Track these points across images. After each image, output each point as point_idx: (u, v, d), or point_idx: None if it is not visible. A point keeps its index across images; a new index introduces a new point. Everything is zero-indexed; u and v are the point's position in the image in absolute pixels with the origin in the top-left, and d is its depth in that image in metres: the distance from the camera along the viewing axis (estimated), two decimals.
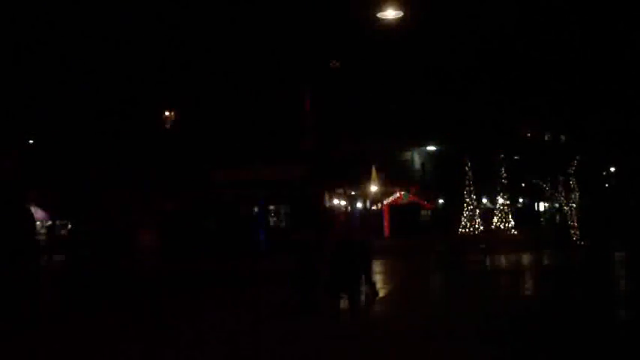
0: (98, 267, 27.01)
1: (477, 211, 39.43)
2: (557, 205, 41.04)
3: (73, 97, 35.78)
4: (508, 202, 40.10)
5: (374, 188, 39.58)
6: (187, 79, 37.89)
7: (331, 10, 32.69)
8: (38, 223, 34.07)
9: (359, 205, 43.17)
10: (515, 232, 38.53)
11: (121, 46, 35.17)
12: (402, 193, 42.25)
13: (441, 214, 47.03)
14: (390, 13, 16.36)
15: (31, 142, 37.31)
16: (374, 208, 44.19)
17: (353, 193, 37.89)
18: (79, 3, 32.17)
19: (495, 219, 39.57)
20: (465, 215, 38.99)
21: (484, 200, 49.14)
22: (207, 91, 38.84)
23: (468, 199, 39.02)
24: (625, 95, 40.38)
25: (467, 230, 38.54)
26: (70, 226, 34.47)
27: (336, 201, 41.87)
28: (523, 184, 50.57)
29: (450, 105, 44.92)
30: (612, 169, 52.14)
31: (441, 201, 51.90)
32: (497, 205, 40.20)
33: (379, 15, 16.46)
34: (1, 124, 33.12)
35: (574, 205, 35.59)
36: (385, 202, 42.39)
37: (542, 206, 55.66)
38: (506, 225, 38.99)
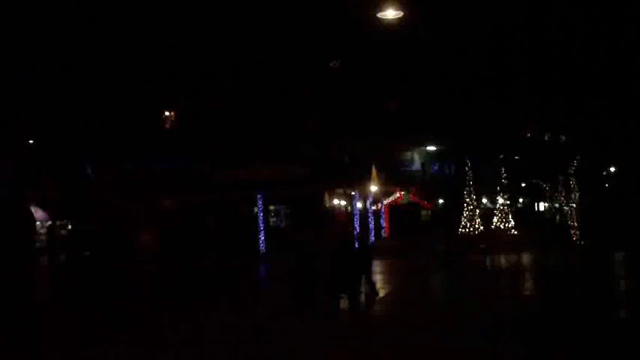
0: (98, 267, 27.04)
1: (477, 211, 39.42)
2: (557, 205, 41.00)
3: (73, 96, 35.81)
4: (508, 202, 40.07)
5: (374, 188, 39.54)
6: (188, 79, 37.93)
7: (331, 10, 32.68)
8: (38, 223, 34.08)
9: (359, 205, 43.19)
10: (515, 232, 38.52)
11: (121, 45, 35.19)
12: (402, 193, 42.21)
13: (441, 214, 47.01)
14: (390, 13, 16.35)
15: (31, 142, 37.33)
16: (374, 208, 44.19)
17: (353, 193, 37.85)
18: (79, 3, 32.20)
19: (495, 219, 39.55)
20: (465, 215, 38.99)
21: (484, 200, 49.13)
22: (208, 92, 38.89)
23: (468, 199, 39.02)
24: (625, 95, 40.37)
25: (467, 230, 38.53)
26: (70, 226, 34.47)
27: (336, 201, 41.86)
28: (523, 184, 50.59)
29: (451, 105, 44.93)
30: (612, 169, 52.14)
31: (441, 201, 51.92)
32: (497, 205, 40.19)
33: (379, 15, 16.44)
34: (1, 124, 33.14)
35: (574, 205, 35.55)
36: (385, 202, 42.37)
37: (542, 206, 55.67)
38: (506, 225, 38.98)
